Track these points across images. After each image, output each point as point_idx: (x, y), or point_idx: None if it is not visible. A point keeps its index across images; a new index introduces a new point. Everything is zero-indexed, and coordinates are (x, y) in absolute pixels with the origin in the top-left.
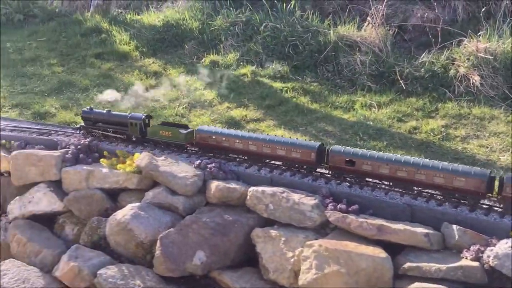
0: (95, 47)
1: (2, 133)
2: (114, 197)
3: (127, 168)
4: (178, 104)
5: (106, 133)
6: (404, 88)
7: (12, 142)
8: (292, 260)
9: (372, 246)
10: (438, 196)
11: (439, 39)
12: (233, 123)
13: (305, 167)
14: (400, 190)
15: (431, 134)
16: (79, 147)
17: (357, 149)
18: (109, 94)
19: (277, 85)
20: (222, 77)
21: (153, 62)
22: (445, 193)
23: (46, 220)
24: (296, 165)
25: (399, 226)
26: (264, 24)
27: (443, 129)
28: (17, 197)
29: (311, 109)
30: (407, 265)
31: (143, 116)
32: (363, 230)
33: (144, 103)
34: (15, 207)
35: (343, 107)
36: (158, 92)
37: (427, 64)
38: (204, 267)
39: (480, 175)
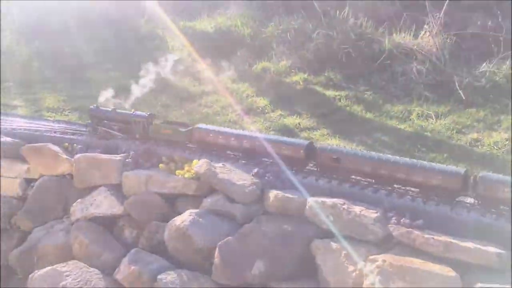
0: (149, 53)
1: (65, 136)
2: (171, 202)
3: (186, 174)
4: (230, 110)
5: (111, 130)
6: (464, 98)
7: (75, 145)
8: (354, 274)
9: (438, 263)
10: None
11: (501, 49)
12: (287, 131)
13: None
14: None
15: (495, 147)
16: (139, 151)
17: (343, 147)
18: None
19: (330, 93)
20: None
21: (205, 68)
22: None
23: (106, 223)
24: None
25: (468, 244)
26: (316, 31)
27: (507, 142)
28: (79, 200)
29: (366, 118)
30: (479, 286)
31: (146, 115)
32: (429, 246)
33: (197, 109)
34: (77, 209)
35: (399, 116)
36: (211, 99)
37: (488, 74)
38: (262, 277)
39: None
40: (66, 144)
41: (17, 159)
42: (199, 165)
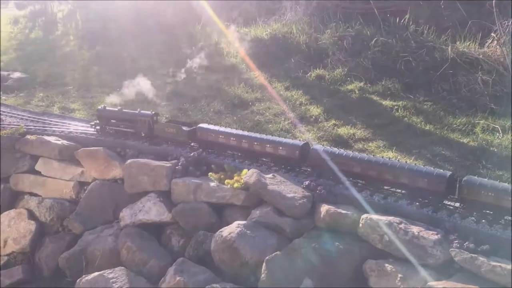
0: (203, 58)
1: (118, 140)
2: (219, 212)
3: (235, 184)
4: (283, 118)
5: (118, 128)
6: None
7: (127, 150)
8: None
9: None
10: None
11: None
12: (341, 141)
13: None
14: None
15: None
16: (189, 159)
17: (335, 149)
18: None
19: (387, 103)
20: (328, 92)
21: (258, 75)
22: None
23: (154, 230)
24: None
25: None
26: (374, 38)
27: None
28: (129, 205)
29: (425, 130)
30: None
31: (151, 114)
32: (496, 275)
33: (249, 116)
34: (126, 215)
35: (461, 129)
36: (263, 106)
37: None
38: None
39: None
40: (119, 149)
41: (72, 162)
42: (249, 175)
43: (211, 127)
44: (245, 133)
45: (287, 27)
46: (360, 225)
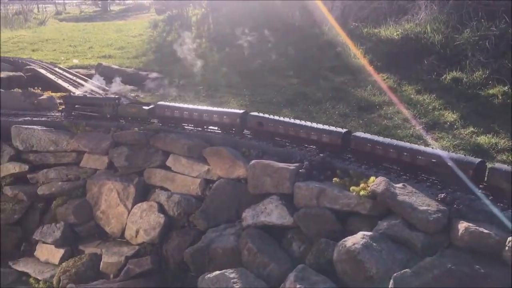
0: (329, 60)
1: (243, 140)
2: (342, 219)
3: (361, 191)
4: (413, 123)
5: (84, 112)
6: None
7: (251, 151)
8: None
9: None
10: None
11: None
12: (480, 151)
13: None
14: None
15: None
16: (313, 162)
17: (266, 115)
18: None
19: None
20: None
21: (387, 77)
22: None
23: (275, 233)
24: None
25: None
26: None
27: None
28: (251, 206)
29: None
30: None
31: (115, 98)
32: None
33: (376, 120)
34: (248, 215)
35: None
36: (392, 110)
37: None
38: None
39: None
40: (244, 149)
41: (199, 159)
42: (377, 183)
43: (168, 104)
44: (197, 107)
45: (420, 26)
46: (506, 248)
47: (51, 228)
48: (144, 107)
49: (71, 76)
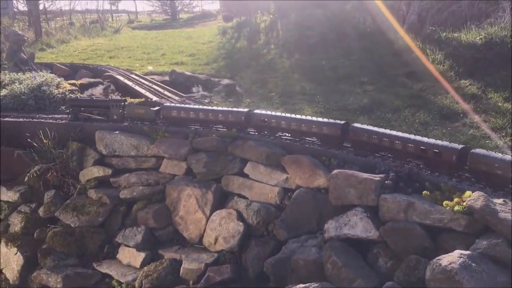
0: (406, 66)
1: (323, 149)
2: (433, 235)
3: (455, 206)
4: (503, 134)
5: (92, 115)
6: None
7: (331, 159)
8: None
9: None
10: None
11: None
12: None
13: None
14: None
15: None
16: (399, 174)
17: (269, 112)
18: None
19: None
20: None
21: (470, 84)
22: None
23: (359, 247)
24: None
25: None
26: None
27: None
28: (334, 217)
29: None
30: None
31: (122, 99)
32: None
33: (461, 129)
34: (331, 227)
35: None
36: (477, 119)
37: None
38: None
39: None
40: (324, 157)
41: (277, 167)
42: (474, 198)
43: (173, 105)
44: (201, 107)
45: (506, 30)
46: None
47: (132, 231)
48: (152, 109)
49: (147, 83)
